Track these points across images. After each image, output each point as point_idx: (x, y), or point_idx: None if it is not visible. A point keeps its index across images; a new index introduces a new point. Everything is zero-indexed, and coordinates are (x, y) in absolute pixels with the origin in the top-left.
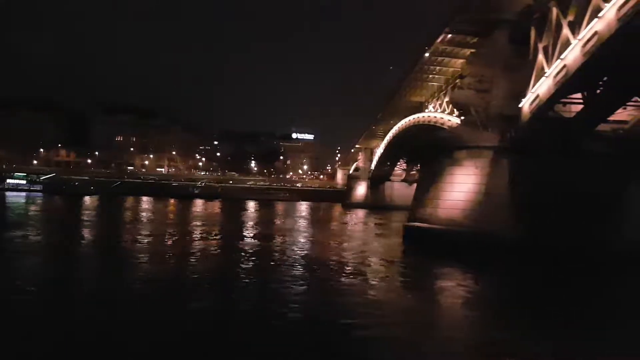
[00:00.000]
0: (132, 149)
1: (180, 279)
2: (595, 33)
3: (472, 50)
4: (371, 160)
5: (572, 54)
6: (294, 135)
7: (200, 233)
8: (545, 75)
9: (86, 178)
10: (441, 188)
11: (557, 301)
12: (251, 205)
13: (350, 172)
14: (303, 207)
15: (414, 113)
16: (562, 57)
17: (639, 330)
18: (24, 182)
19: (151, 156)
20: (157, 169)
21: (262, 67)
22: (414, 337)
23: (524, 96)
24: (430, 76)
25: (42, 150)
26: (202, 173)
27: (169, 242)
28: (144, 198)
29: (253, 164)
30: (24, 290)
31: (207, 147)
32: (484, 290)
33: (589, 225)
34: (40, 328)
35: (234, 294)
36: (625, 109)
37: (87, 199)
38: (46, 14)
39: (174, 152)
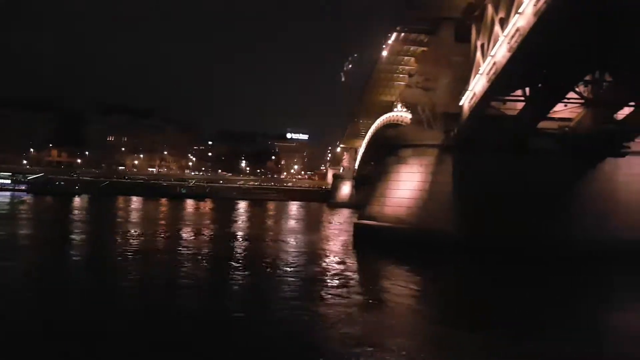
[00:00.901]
0: (123, 148)
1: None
2: (518, 29)
3: (424, 49)
4: (355, 160)
5: (500, 51)
6: (289, 135)
7: (150, 232)
8: (480, 72)
9: (74, 178)
10: (388, 186)
11: (480, 302)
12: (235, 205)
13: (337, 172)
14: (289, 206)
15: (387, 112)
16: (492, 53)
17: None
18: (8, 181)
19: (141, 156)
20: (149, 169)
21: (261, 67)
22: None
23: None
24: (395, 75)
25: (32, 150)
26: (195, 173)
27: (112, 242)
28: (131, 198)
29: (244, 164)
30: None
31: (201, 147)
32: (399, 288)
33: (534, 224)
34: None
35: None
36: (566, 106)
37: (69, 198)
38: (46, 14)
39: (165, 152)
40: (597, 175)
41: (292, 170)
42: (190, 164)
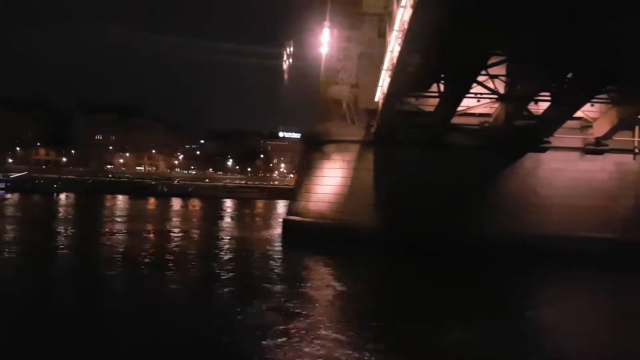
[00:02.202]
0: (111, 147)
1: None
2: (403, 23)
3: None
4: None
5: (396, 46)
6: (281, 134)
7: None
8: (384, 67)
9: (55, 176)
10: (312, 182)
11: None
12: (214, 203)
13: None
14: (268, 204)
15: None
16: (390, 49)
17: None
18: None
19: (127, 155)
20: (137, 168)
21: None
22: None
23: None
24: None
25: (18, 149)
26: (185, 172)
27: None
28: (114, 196)
29: (232, 162)
30: None
31: (193, 146)
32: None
33: (453, 219)
34: None
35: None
36: (479, 101)
37: (46, 196)
38: (46, 13)
39: (153, 151)
40: (519, 171)
41: (282, 169)
42: (177, 162)
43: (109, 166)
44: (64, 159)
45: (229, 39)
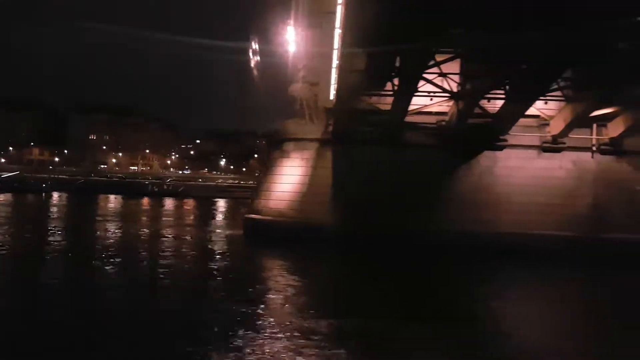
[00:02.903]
0: (104, 147)
1: None
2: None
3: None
4: None
5: (338, 42)
6: None
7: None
8: (333, 65)
9: (45, 176)
10: (272, 180)
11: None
12: (203, 203)
13: None
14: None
15: None
16: (336, 46)
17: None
18: None
19: (120, 154)
20: (131, 167)
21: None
22: None
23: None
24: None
25: (11, 148)
26: (180, 172)
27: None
28: (101, 196)
29: (225, 162)
30: None
31: (188, 146)
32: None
33: (409, 217)
34: None
35: None
36: (431, 99)
37: (35, 196)
38: (46, 13)
39: (147, 151)
40: (476, 169)
41: None
42: (169, 162)
43: (102, 166)
44: (56, 159)
45: (204, 34)
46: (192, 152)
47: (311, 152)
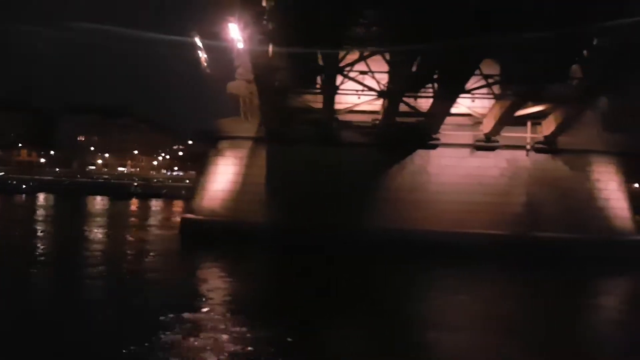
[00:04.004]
0: (93, 148)
1: None
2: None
3: None
4: None
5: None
6: None
7: None
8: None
9: (27, 177)
10: (207, 179)
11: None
12: (172, 203)
13: None
14: None
15: None
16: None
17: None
18: None
19: (107, 155)
20: (120, 169)
21: None
22: None
23: None
24: None
25: None
26: (169, 173)
27: None
28: (85, 197)
29: None
30: None
31: (180, 147)
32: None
33: (343, 215)
34: None
35: None
36: (359, 98)
37: (13, 197)
38: (46, 13)
39: (136, 152)
40: (409, 168)
41: None
42: (155, 163)
43: (91, 167)
44: (42, 160)
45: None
46: (180, 153)
47: (245, 151)
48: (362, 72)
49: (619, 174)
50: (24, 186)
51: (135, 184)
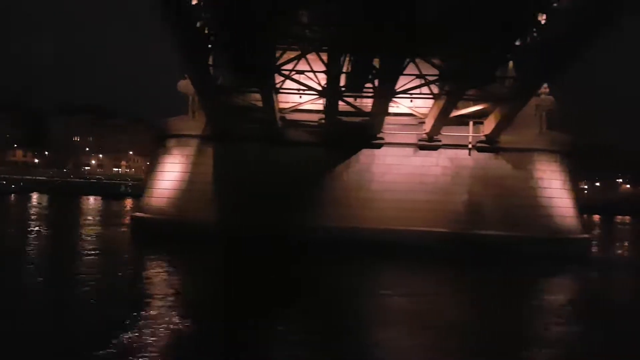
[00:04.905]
0: (87, 148)
1: None
2: None
3: None
4: None
5: None
6: None
7: None
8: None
9: (18, 177)
10: (155, 177)
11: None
12: None
13: None
14: None
15: None
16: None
17: None
18: None
19: (100, 156)
20: (114, 169)
21: None
22: None
23: None
24: None
25: None
26: None
27: None
28: (77, 197)
29: None
30: None
31: None
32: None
33: (290, 214)
34: None
35: None
36: (301, 97)
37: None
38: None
39: (131, 152)
40: (355, 167)
41: None
42: (149, 163)
43: (86, 167)
44: (36, 160)
45: None
46: None
47: (192, 149)
48: (298, 72)
49: (563, 172)
50: (12, 186)
51: (127, 184)
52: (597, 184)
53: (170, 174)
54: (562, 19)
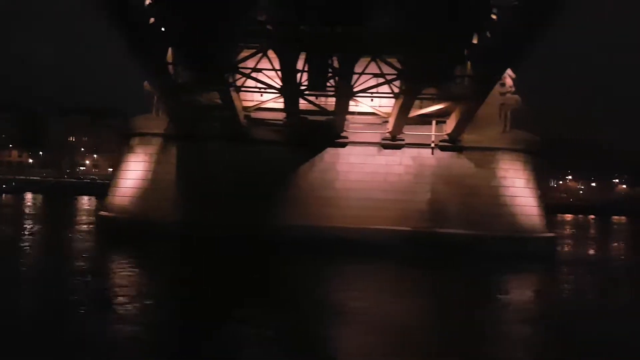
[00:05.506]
0: (82, 148)
1: None
2: None
3: None
4: None
5: None
6: None
7: None
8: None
9: (10, 177)
10: (118, 175)
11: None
12: None
13: None
14: None
15: None
16: None
17: None
18: None
19: (95, 156)
20: (109, 169)
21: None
22: None
23: None
24: None
25: None
26: None
27: None
28: (69, 197)
29: None
30: None
31: None
32: None
33: (254, 213)
34: None
35: None
36: (262, 95)
37: None
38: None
39: None
40: (319, 165)
41: None
42: None
43: (82, 168)
44: (31, 160)
45: None
46: None
47: (155, 148)
48: (255, 70)
49: (527, 171)
50: (4, 186)
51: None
52: (593, 184)
53: (133, 172)
54: (510, 17)
